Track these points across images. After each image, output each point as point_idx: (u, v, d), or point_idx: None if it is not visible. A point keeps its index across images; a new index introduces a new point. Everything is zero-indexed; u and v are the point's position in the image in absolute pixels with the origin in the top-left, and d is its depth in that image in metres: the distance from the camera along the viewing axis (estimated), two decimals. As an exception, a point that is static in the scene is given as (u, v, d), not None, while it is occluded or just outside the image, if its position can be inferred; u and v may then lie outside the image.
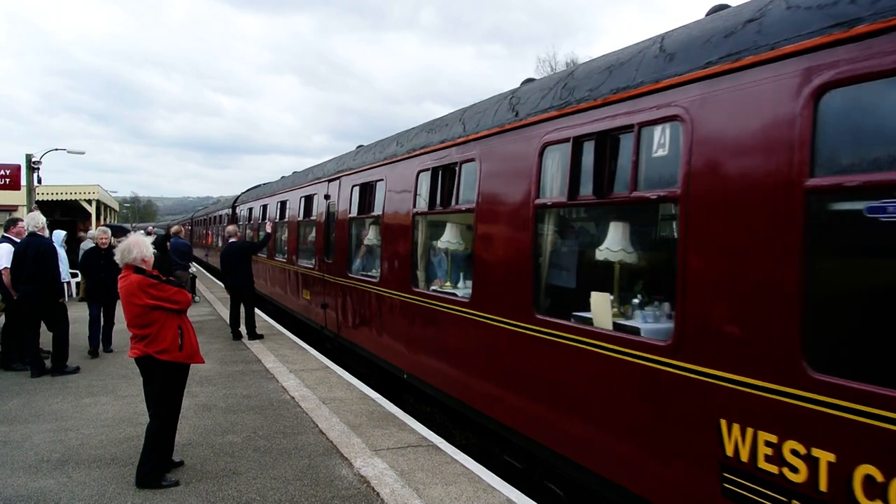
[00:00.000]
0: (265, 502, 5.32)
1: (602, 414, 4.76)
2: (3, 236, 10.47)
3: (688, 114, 4.04)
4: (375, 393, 8.85)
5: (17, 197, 27.39)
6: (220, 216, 29.96)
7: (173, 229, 19.77)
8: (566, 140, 5.18)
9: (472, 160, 6.68)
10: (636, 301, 5.01)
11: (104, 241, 11.54)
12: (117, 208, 66.45)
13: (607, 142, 4.80)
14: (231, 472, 5.98)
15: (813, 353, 3.28)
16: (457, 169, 7.06)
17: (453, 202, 7.21)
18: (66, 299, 10.86)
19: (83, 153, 31.36)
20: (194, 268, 22.42)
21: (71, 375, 9.88)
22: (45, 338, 10.38)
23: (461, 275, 7.73)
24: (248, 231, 21.08)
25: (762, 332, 3.53)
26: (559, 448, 5.24)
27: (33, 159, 23.72)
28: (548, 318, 5.34)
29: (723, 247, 3.80)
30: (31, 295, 9.72)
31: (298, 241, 14.49)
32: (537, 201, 5.56)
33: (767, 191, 3.51)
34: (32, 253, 9.65)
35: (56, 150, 28.33)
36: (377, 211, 9.55)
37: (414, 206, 8.15)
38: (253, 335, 13.24)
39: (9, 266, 9.77)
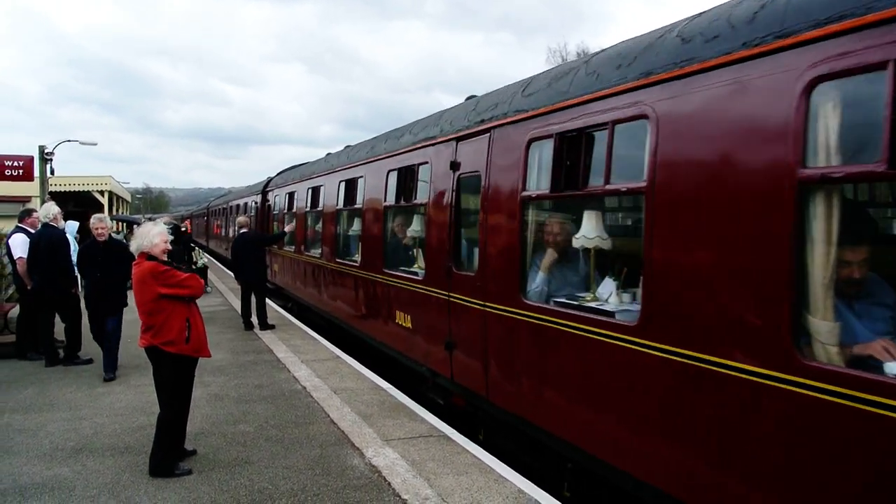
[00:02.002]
0: (277, 491, 5.35)
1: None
2: (17, 227, 10.56)
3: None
4: (387, 383, 8.87)
5: (30, 188, 27.60)
6: (246, 205, 25.16)
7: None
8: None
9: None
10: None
11: (102, 231, 9.32)
12: (129, 199, 66.78)
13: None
14: (243, 461, 6.02)
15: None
16: None
17: None
18: (80, 290, 10.66)
19: (95, 144, 31.60)
20: (205, 258, 22.54)
21: (84, 366, 9.95)
22: (60, 328, 10.46)
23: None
24: (291, 233, 16.17)
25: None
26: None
27: (46, 150, 23.87)
28: None
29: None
30: (44, 285, 9.79)
31: (385, 238, 9.61)
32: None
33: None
34: (45, 244, 9.71)
35: (68, 141, 28.54)
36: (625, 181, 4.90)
37: None
38: (265, 325, 13.27)
39: (24, 256, 9.85)
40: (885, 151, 3.00)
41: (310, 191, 14.30)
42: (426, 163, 8.03)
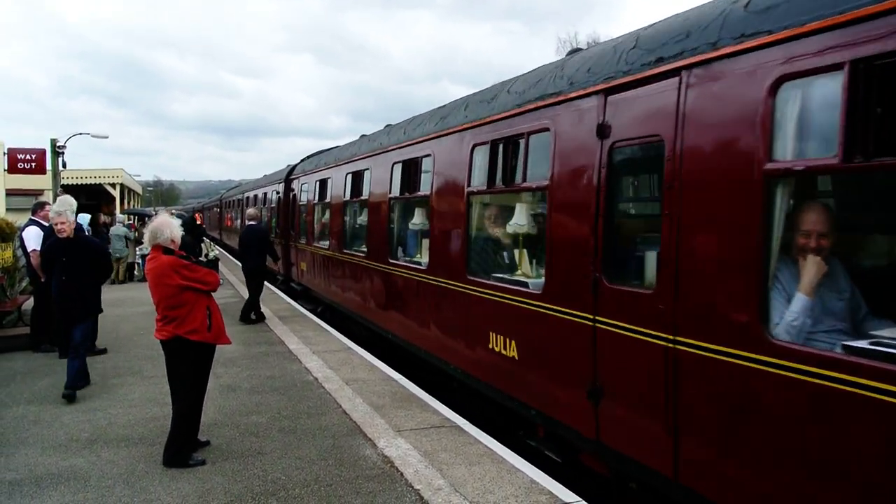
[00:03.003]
0: (290, 482, 5.37)
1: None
2: (31, 220, 10.62)
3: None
4: (398, 374, 8.88)
5: (42, 181, 27.75)
6: (266, 196, 22.96)
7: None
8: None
9: None
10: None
11: (62, 227, 8.04)
12: (141, 192, 67.11)
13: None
14: (256, 452, 6.04)
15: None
16: None
17: None
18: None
19: (107, 137, 31.68)
20: (216, 250, 22.62)
21: (98, 357, 10.01)
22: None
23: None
24: (319, 220, 14.75)
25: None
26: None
27: (58, 143, 23.98)
28: None
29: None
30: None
31: (468, 235, 7.32)
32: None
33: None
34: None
35: (80, 134, 28.63)
36: None
37: None
38: (247, 318, 13.13)
39: (38, 248, 9.91)
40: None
41: (349, 177, 12.12)
42: (544, 130, 5.86)
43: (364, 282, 11.09)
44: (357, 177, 11.65)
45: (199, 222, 20.24)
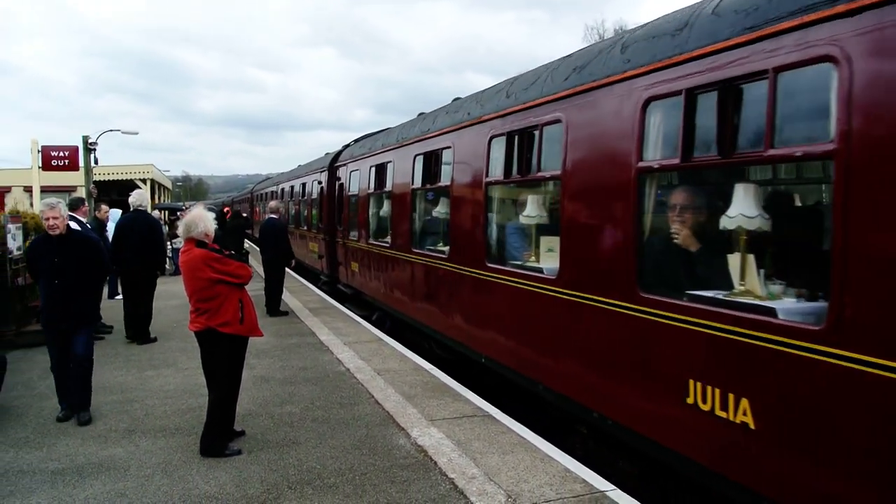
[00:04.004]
0: (326, 471, 5.41)
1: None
2: (69, 215, 10.88)
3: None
4: (429, 364, 8.90)
5: (75, 178, 28.21)
6: (304, 187, 20.72)
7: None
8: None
9: None
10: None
11: (55, 223, 6.82)
12: (170, 187, 67.94)
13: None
14: (291, 442, 6.09)
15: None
16: None
17: None
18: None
19: (137, 133, 32.25)
20: (247, 243, 22.78)
21: (134, 349, 10.19)
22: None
23: None
24: (376, 212, 12.84)
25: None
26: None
27: (90, 140, 24.34)
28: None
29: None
30: (138, 264, 10.65)
31: (638, 234, 5.11)
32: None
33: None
34: (141, 227, 10.73)
35: (111, 131, 29.11)
36: None
37: None
38: (277, 312, 13.30)
39: None
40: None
41: (419, 160, 9.98)
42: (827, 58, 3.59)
43: (444, 289, 8.98)
44: (432, 159, 9.55)
45: (228, 216, 20.34)
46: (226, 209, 27.54)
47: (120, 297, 12.60)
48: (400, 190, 10.92)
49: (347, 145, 16.64)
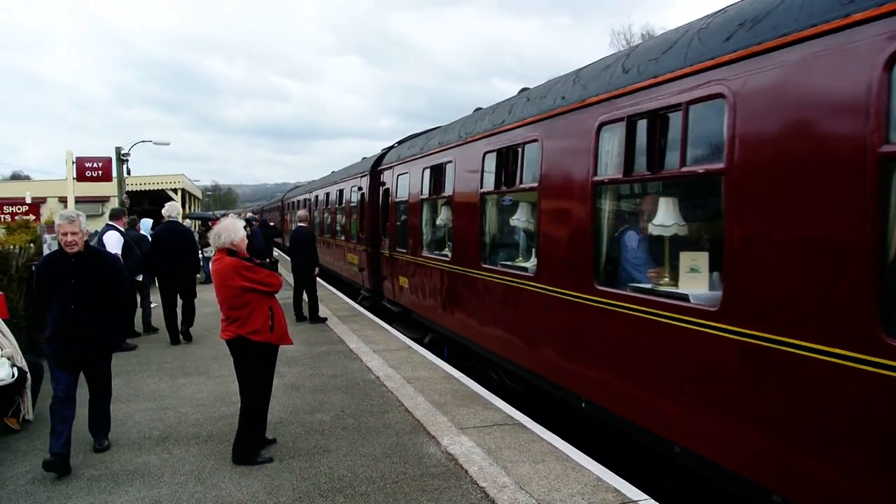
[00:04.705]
0: (357, 479, 5.41)
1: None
2: (108, 225, 11.35)
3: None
4: (458, 372, 8.87)
5: (108, 188, 28.67)
6: (341, 194, 19.00)
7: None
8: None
9: None
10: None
11: (73, 240, 5.95)
12: (201, 196, 68.82)
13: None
14: (322, 450, 6.11)
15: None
16: None
17: None
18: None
19: (168, 144, 32.72)
20: (276, 252, 22.97)
21: (166, 357, 10.31)
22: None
23: None
24: (431, 221, 11.20)
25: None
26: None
27: (122, 152, 24.76)
28: None
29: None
30: (175, 272, 11.58)
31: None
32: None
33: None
34: (176, 237, 11.63)
35: (143, 142, 29.58)
36: None
37: None
38: (317, 318, 13.50)
39: (119, 252, 10.32)
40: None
41: (489, 157, 8.39)
42: None
43: (527, 314, 7.41)
44: (508, 156, 7.88)
45: (255, 225, 20.49)
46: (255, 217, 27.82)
47: (154, 304, 12.78)
48: (464, 194, 9.32)
49: (391, 147, 15.16)
